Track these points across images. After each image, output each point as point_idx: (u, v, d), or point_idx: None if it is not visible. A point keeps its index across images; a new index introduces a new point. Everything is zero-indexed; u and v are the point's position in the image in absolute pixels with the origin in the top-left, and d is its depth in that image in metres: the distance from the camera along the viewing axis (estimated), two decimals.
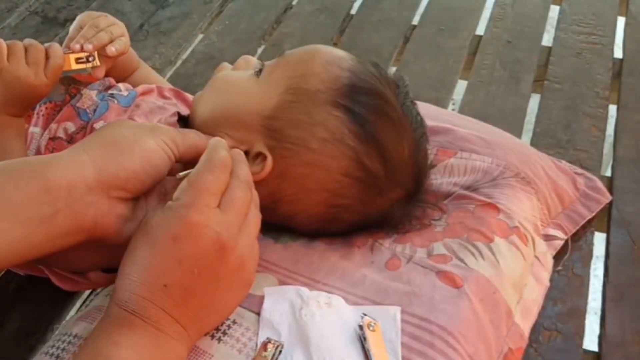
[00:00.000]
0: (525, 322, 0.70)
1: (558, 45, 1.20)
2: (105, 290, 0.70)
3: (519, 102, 1.07)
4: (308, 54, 0.70)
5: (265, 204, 0.61)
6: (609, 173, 0.95)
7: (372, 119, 0.65)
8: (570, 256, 0.80)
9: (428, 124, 0.72)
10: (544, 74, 1.13)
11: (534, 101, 1.08)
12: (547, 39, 1.22)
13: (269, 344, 0.57)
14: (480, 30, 1.25)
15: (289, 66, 0.68)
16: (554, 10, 1.30)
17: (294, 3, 1.36)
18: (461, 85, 1.14)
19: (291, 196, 0.67)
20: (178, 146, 0.60)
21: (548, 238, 0.79)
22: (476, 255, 0.68)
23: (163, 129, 0.61)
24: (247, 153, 0.65)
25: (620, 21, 1.26)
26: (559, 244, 0.80)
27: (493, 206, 0.73)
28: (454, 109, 1.15)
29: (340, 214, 0.68)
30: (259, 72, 0.70)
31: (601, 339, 0.74)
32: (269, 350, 0.56)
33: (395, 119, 0.67)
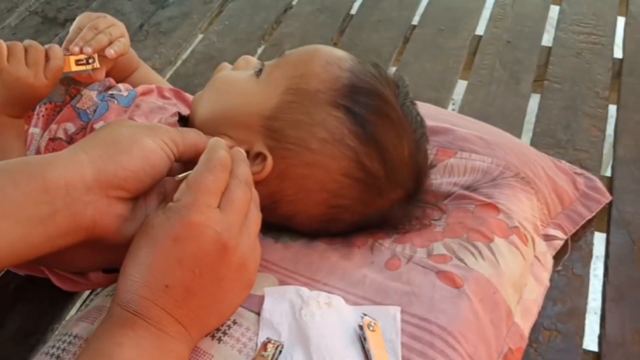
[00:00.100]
0: (525, 322, 0.70)
1: (558, 45, 1.20)
2: (105, 291, 0.70)
3: (519, 102, 1.07)
4: (308, 54, 0.70)
5: (265, 204, 0.61)
6: (609, 173, 0.95)
7: (372, 120, 0.65)
8: (570, 256, 0.80)
9: (428, 124, 0.72)
10: (544, 74, 1.13)
11: (534, 101, 1.08)
12: (547, 39, 1.22)
13: (269, 344, 0.57)
14: (480, 30, 1.25)
15: (289, 66, 0.68)
16: (554, 10, 1.30)
17: (294, 3, 1.36)
18: (461, 85, 1.14)
19: (291, 196, 0.67)
20: (178, 146, 0.60)
21: (548, 238, 0.79)
22: (476, 255, 0.68)
23: (162, 129, 0.61)
24: (247, 153, 0.64)
25: (620, 21, 1.26)
26: (558, 244, 0.80)
27: (493, 206, 0.73)
28: (454, 109, 1.14)
29: (340, 214, 0.68)
30: (259, 72, 0.70)
31: (601, 339, 0.74)
32: (269, 350, 0.56)
33: (395, 120, 0.67)
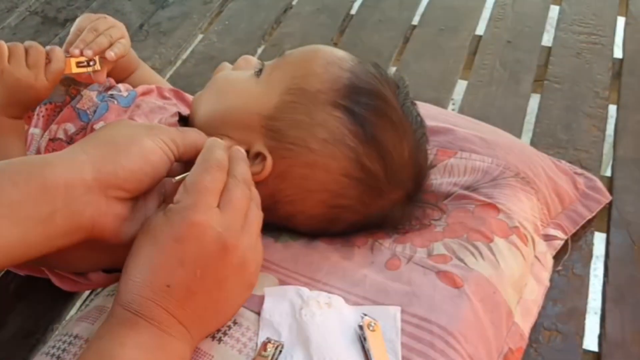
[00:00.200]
0: (525, 322, 0.70)
1: (558, 45, 1.20)
2: (106, 291, 0.70)
3: (519, 102, 1.07)
4: (308, 54, 0.70)
5: (265, 204, 0.61)
6: (609, 173, 0.95)
7: (373, 120, 0.65)
8: (570, 256, 0.80)
9: (428, 124, 0.72)
10: (544, 74, 1.13)
11: (534, 101, 1.08)
12: (547, 39, 1.22)
13: (269, 344, 0.57)
14: (480, 30, 1.25)
15: (289, 66, 0.68)
16: (554, 10, 1.30)
17: (294, 3, 1.36)
18: (461, 85, 1.13)
19: (291, 196, 0.67)
20: (177, 146, 0.60)
21: (548, 238, 0.79)
22: (476, 255, 0.68)
23: (162, 129, 0.61)
24: (247, 153, 0.64)
25: (620, 21, 1.26)
26: (559, 244, 0.80)
27: (493, 206, 0.73)
28: (454, 109, 1.14)
29: (340, 214, 0.68)
30: (259, 72, 0.70)
31: (601, 339, 0.74)
32: (269, 350, 0.56)
33: (396, 120, 0.67)
